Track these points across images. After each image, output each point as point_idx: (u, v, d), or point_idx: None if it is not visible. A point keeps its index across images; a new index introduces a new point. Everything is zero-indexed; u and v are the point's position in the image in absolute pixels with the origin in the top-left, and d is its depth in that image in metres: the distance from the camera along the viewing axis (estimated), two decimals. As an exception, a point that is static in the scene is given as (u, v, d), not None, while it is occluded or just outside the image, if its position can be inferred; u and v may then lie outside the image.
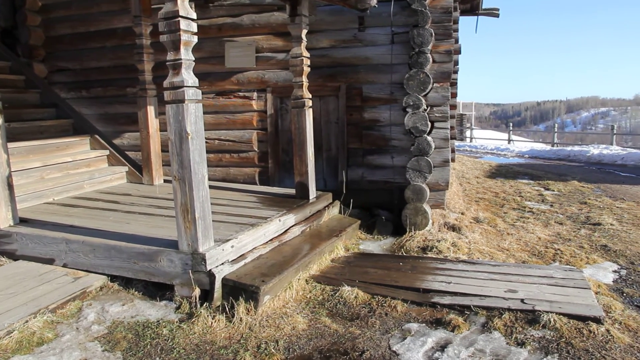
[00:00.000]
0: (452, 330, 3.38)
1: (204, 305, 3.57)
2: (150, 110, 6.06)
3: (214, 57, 6.38)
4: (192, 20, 3.41)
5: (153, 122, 6.12)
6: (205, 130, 3.71)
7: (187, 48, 3.41)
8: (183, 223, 3.55)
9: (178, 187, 3.50)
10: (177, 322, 3.46)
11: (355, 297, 3.89)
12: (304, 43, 5.23)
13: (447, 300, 3.80)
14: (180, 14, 3.28)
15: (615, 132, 20.94)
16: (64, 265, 4.09)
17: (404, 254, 5.06)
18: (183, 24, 3.31)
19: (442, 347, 3.19)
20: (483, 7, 11.42)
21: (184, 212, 3.52)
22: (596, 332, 3.31)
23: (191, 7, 3.41)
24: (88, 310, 3.58)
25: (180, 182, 3.49)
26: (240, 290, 3.59)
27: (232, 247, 3.87)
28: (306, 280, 4.17)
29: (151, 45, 5.90)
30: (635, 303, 3.94)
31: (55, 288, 3.76)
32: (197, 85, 3.49)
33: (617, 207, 7.69)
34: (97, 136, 6.65)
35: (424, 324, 3.51)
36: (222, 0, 6.19)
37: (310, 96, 5.43)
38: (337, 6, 5.57)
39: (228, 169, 6.64)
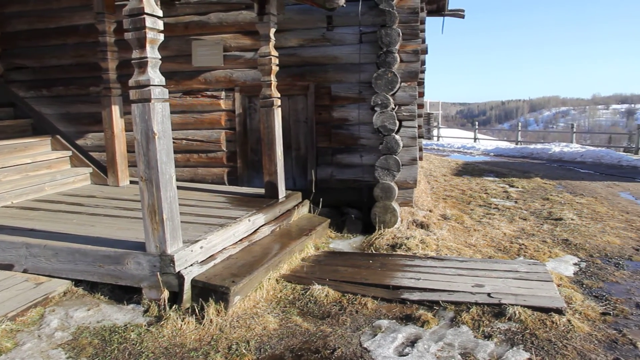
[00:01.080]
0: (422, 326, 3.44)
1: (173, 307, 3.52)
2: (115, 110, 5.92)
3: (180, 56, 6.28)
4: (158, 17, 3.35)
5: (118, 122, 5.97)
6: (172, 130, 3.65)
7: (153, 46, 3.35)
8: (151, 224, 3.48)
9: (145, 188, 3.44)
10: (145, 325, 3.40)
11: (326, 295, 3.90)
12: (273, 42, 5.21)
13: (416, 296, 3.86)
14: (146, 11, 3.22)
15: (575, 130, 21.71)
16: (24, 271, 3.94)
17: (374, 251, 5.11)
18: (149, 22, 3.25)
19: (412, 342, 3.24)
20: (449, 8, 11.65)
21: (151, 214, 3.45)
22: (558, 322, 3.43)
23: (157, 4, 3.35)
24: (51, 317, 3.47)
25: (147, 182, 3.42)
26: (210, 291, 3.55)
27: (201, 248, 3.82)
28: (277, 280, 4.16)
29: (115, 42, 5.76)
30: (594, 294, 4.09)
31: (15, 295, 3.62)
32: (164, 84, 3.43)
33: (577, 202, 7.97)
34: (58, 137, 6.45)
35: (394, 320, 3.55)
36: (188, -2, 6.10)
37: (279, 95, 5.42)
38: (306, 5, 5.58)
39: (196, 169, 6.55)
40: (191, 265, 3.67)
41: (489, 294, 3.82)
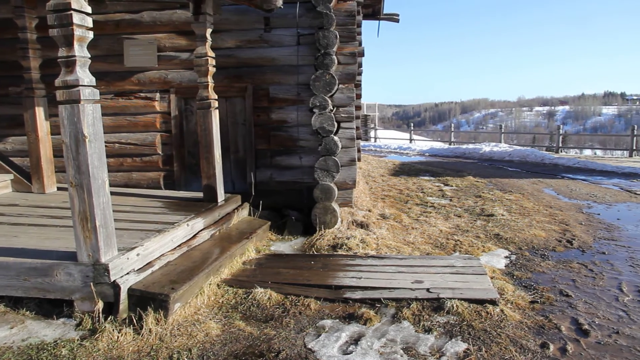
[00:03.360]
0: (365, 324, 3.49)
1: (109, 319, 3.35)
2: (39, 112, 5.56)
3: (111, 56, 6.02)
4: (87, 14, 3.18)
5: (43, 125, 5.62)
6: (104, 133, 3.48)
7: (81, 44, 3.18)
8: (82, 232, 3.30)
9: (75, 194, 3.25)
10: (78, 340, 3.21)
11: (269, 298, 3.88)
12: (209, 42, 5.11)
13: (358, 295, 3.92)
14: (73, 6, 3.05)
15: (503, 131, 22.97)
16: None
17: (315, 252, 5.13)
18: (76, 18, 3.08)
19: (356, 340, 3.28)
20: (384, 12, 11.95)
21: (82, 221, 3.27)
22: (492, 313, 3.62)
23: (85, 0, 3.18)
24: (-30, 336, 3.20)
25: (77, 188, 3.24)
26: (149, 299, 3.42)
27: (138, 255, 3.67)
28: (218, 285, 4.08)
29: (38, 40, 5.41)
30: (524, 284, 4.34)
31: None
32: (94, 84, 3.27)
33: (507, 199, 8.43)
34: (-25, 141, 5.98)
35: (337, 320, 3.58)
36: (118, -5, 5.85)
37: (216, 97, 5.32)
38: (243, 6, 5.52)
39: (130, 173, 6.29)
40: (127, 273, 3.51)
41: (428, 289, 3.94)
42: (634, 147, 19.19)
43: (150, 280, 3.61)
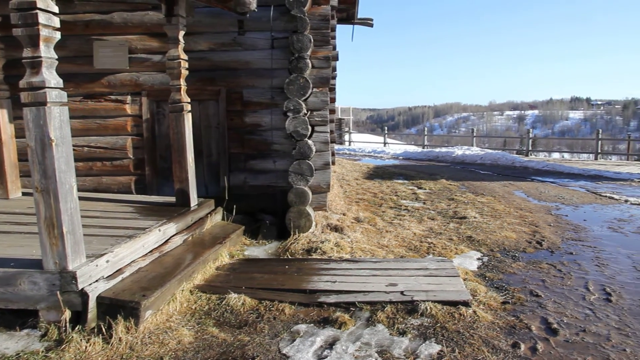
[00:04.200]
0: (339, 328, 3.49)
1: (77, 328, 3.25)
2: (3, 114, 5.38)
3: (80, 57, 5.88)
4: (54, 14, 3.10)
5: (7, 128, 5.44)
6: (72, 136, 3.39)
7: (48, 45, 3.09)
8: (48, 239, 3.20)
9: (41, 200, 3.15)
10: (43, 351, 3.10)
11: (243, 303, 3.83)
12: (182, 45, 5.04)
13: (333, 299, 3.91)
14: (39, 6, 2.96)
15: (475, 134, 23.39)
16: None
17: (290, 257, 5.11)
18: (42, 18, 2.99)
19: (331, 344, 3.27)
20: (358, 16, 12.04)
21: (49, 227, 3.17)
22: (465, 314, 3.66)
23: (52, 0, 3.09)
24: None
25: (43, 193, 3.14)
26: (119, 307, 3.34)
27: (108, 261, 3.58)
28: (190, 291, 4.01)
29: (1, 39, 5.24)
30: (495, 285, 4.41)
31: None
32: (62, 86, 3.18)
33: (479, 201, 8.57)
34: None
35: (312, 324, 3.57)
36: (87, -4, 5.72)
37: (189, 100, 5.24)
38: (217, 8, 5.47)
39: (100, 178, 6.15)
40: (96, 281, 3.42)
41: (402, 292, 3.97)
42: (599, 151, 19.80)
43: (121, 288, 3.52)
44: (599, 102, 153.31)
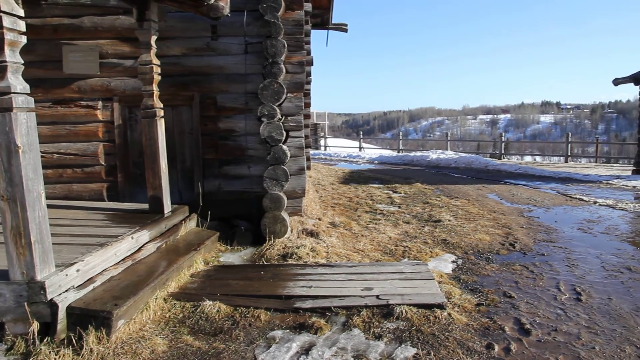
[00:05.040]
0: (315, 333, 3.48)
1: (45, 340, 3.16)
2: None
3: (49, 62, 5.75)
4: (19, 17, 3.02)
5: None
6: (41, 142, 3.31)
7: (13, 49, 3.01)
8: (15, 249, 3.10)
9: (7, 209, 3.06)
10: (10, 363, 3.01)
11: (218, 311, 3.79)
12: (154, 50, 4.98)
13: (308, 304, 3.90)
14: (3, 9, 2.88)
15: (449, 139, 23.75)
16: None
17: (265, 262, 5.08)
18: (7, 21, 2.91)
19: (307, 350, 3.26)
20: (333, 22, 12.11)
21: (15, 237, 3.08)
22: (440, 317, 3.70)
23: (17, 3, 3.01)
24: None
25: (9, 202, 3.05)
26: (90, 317, 3.26)
27: (78, 271, 3.50)
28: (164, 299, 3.95)
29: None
30: (470, 287, 4.47)
31: None
32: (29, 91, 3.10)
33: (453, 204, 8.68)
34: None
35: (288, 330, 3.55)
36: (56, -1, 5.60)
37: (161, 106, 5.18)
38: (189, 13, 5.42)
39: (71, 185, 6.01)
40: (66, 291, 3.34)
41: (377, 296, 3.98)
42: (569, 153, 20.33)
43: (92, 297, 3.45)
44: (569, 106, 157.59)
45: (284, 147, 5.72)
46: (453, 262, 5.31)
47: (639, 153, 15.49)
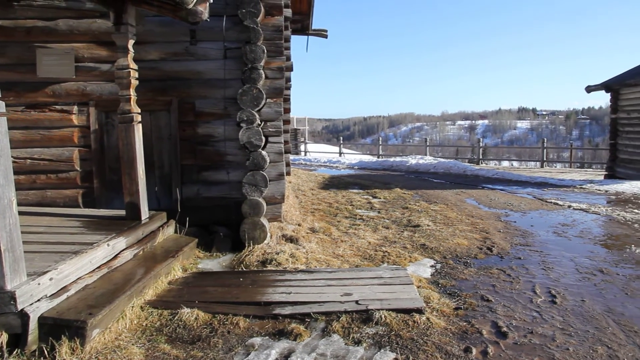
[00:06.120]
0: (295, 339, 3.46)
1: (15, 352, 3.07)
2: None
3: (22, 65, 5.63)
4: (-10, 21, 2.96)
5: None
6: (13, 148, 3.24)
7: (-16, 53, 2.94)
8: (-15, 257, 3.02)
9: (-23, 216, 2.98)
10: (-21, 376, 2.92)
11: (196, 318, 3.74)
12: (131, 54, 4.92)
13: (288, 310, 3.88)
14: (-26, 13, 2.82)
15: (428, 144, 23.99)
16: None
17: (244, 269, 5.04)
18: (-23, 26, 2.85)
19: (286, 356, 3.24)
20: (313, 28, 12.16)
21: (-15, 245, 2.99)
22: (419, 321, 3.72)
23: (-12, 7, 2.95)
24: None
25: (-21, 209, 2.97)
26: (63, 327, 3.18)
27: (51, 279, 3.42)
28: (141, 307, 3.88)
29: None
30: (448, 291, 4.51)
31: None
32: (0, 95, 3.03)
33: (432, 209, 8.76)
34: None
35: (267, 337, 3.52)
36: (30, 0, 5.49)
37: (139, 110, 5.10)
38: (168, 18, 5.37)
39: (44, 191, 5.88)
40: (38, 300, 3.25)
41: (357, 302, 3.98)
42: (545, 159, 20.74)
43: (65, 307, 3.37)
44: (544, 112, 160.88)
45: (263, 152, 5.70)
46: (432, 266, 5.35)
47: (610, 158, 15.90)
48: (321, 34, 12.77)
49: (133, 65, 4.94)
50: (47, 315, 3.22)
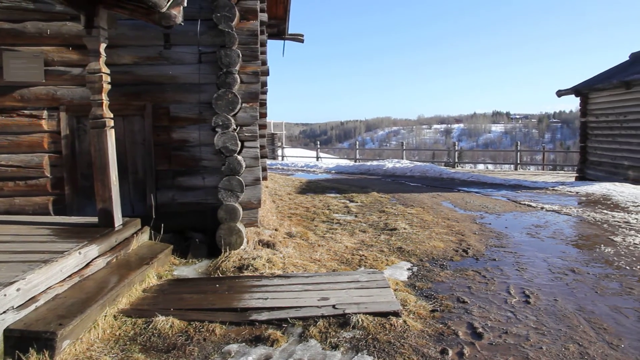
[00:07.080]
0: (272, 345, 3.44)
1: (-19, 365, 2.97)
2: None
3: (-12, 69, 5.47)
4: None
5: None
6: (-24, 154, 3.13)
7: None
8: (-52, 268, 2.91)
9: (-61, 225, 2.87)
10: (-58, 391, 2.81)
11: (171, 326, 3.68)
12: (103, 58, 4.82)
13: (264, 316, 3.85)
14: None
15: (404, 148, 24.22)
16: None
17: (220, 275, 4.98)
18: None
19: (262, 364, 3.21)
20: (289, 32, 12.16)
21: (-52, 254, 2.89)
22: (396, 324, 3.73)
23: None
24: None
25: (-58, 218, 2.87)
26: (31, 339, 3.09)
27: (18, 290, 3.31)
28: (114, 316, 3.80)
29: None
30: (425, 294, 4.54)
31: None
32: (-37, 101, 2.93)
33: (409, 213, 8.82)
34: None
35: (243, 343, 3.49)
36: (-4, 4, 5.35)
37: (111, 115, 5.01)
38: (141, 21, 5.29)
39: (12, 199, 5.71)
40: (4, 312, 3.15)
41: (334, 306, 3.98)
42: (518, 162, 21.15)
43: (34, 318, 3.27)
44: (518, 116, 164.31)
45: (239, 157, 5.66)
46: (408, 269, 5.38)
47: (581, 160, 16.32)
48: (298, 38, 12.78)
49: (105, 70, 4.85)
50: (13, 327, 3.12)
